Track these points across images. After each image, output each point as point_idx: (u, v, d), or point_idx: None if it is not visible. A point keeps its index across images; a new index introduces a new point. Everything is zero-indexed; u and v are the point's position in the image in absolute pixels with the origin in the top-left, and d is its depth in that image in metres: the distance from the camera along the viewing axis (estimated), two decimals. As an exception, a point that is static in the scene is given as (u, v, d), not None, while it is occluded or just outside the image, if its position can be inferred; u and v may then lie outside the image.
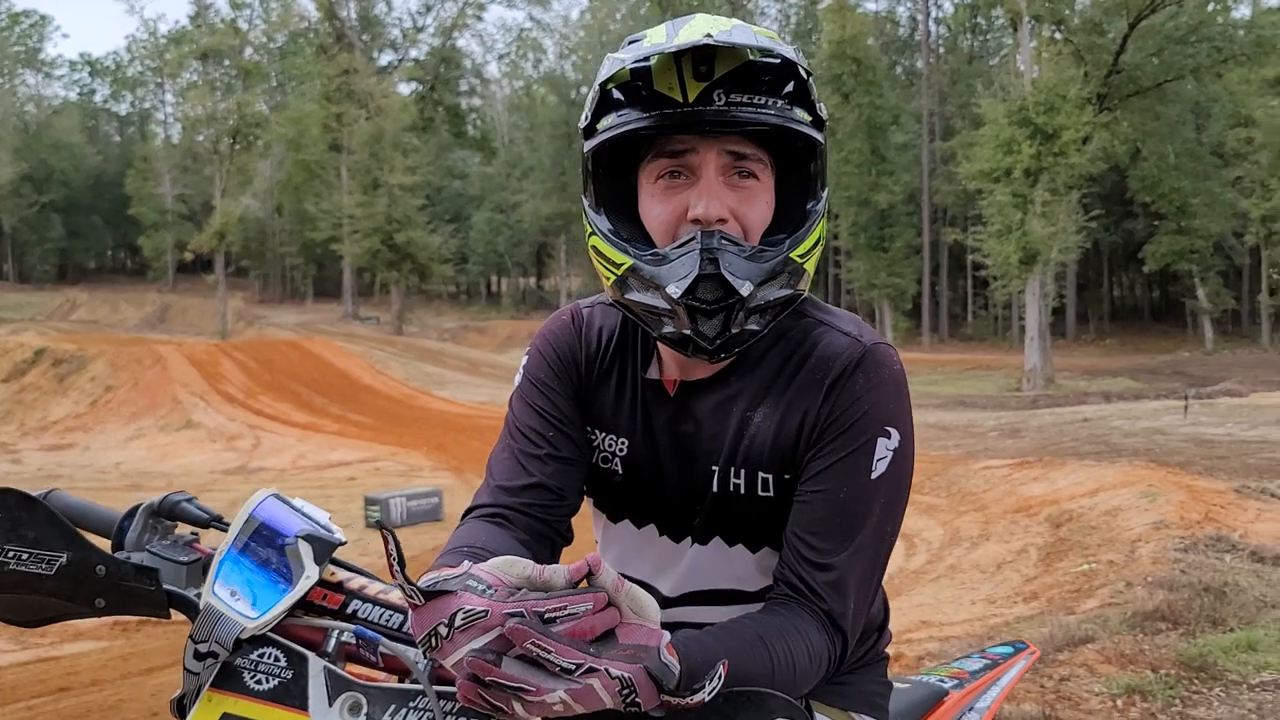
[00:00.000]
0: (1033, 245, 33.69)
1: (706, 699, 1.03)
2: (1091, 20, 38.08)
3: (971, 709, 1.87)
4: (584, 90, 67.67)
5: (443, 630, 0.96)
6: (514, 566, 1.01)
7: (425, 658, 1.03)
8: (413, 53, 63.56)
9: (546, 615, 0.95)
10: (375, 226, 51.15)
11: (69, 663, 6.66)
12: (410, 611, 1.01)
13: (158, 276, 72.17)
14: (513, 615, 0.94)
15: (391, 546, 0.98)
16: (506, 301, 75.28)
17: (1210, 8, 39.33)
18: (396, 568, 0.98)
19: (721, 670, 1.05)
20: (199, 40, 55.88)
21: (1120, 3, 36.33)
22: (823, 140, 1.36)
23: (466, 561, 1.03)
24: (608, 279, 1.38)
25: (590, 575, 0.99)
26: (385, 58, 63.19)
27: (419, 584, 0.98)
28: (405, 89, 61.43)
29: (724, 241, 1.29)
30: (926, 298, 55.44)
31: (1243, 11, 45.80)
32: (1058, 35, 38.23)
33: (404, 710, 1.10)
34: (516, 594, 0.97)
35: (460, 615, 0.95)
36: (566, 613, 0.95)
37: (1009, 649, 2.14)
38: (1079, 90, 34.48)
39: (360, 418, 23.10)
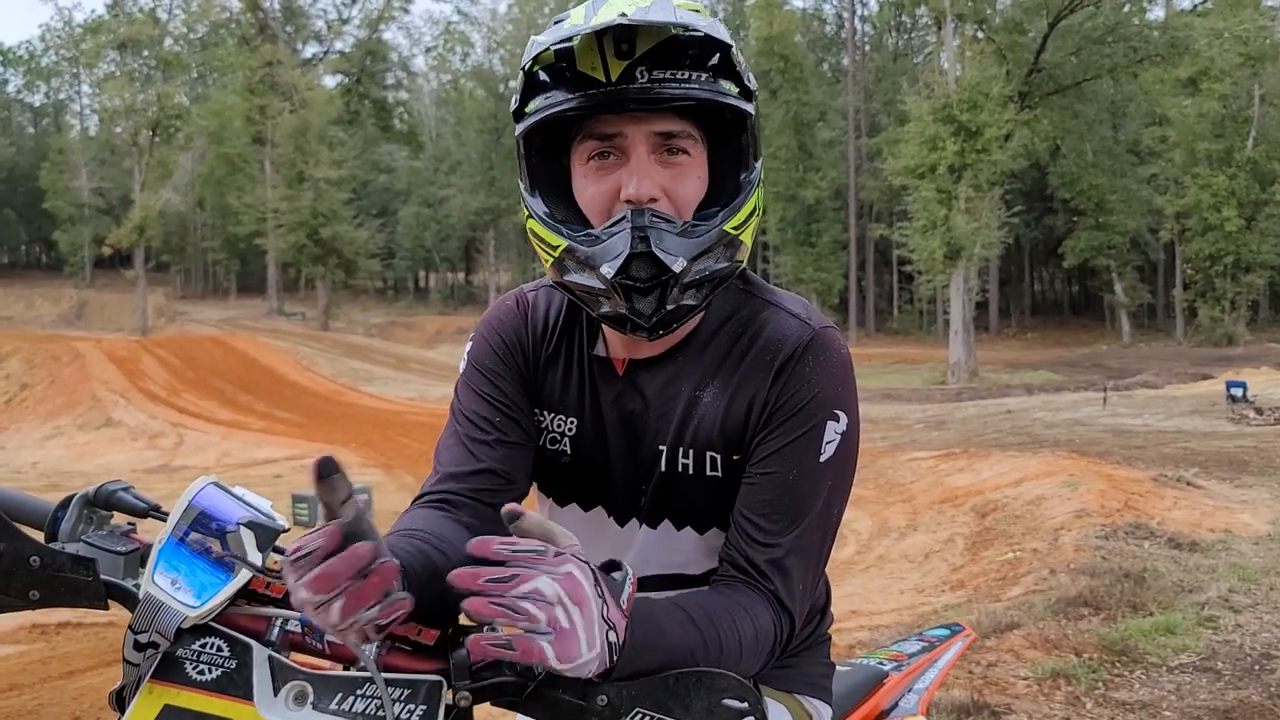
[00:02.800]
0: (957, 240, 34.25)
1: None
2: (1013, 20, 38.84)
3: (911, 690, 1.90)
4: (512, 84, 66.63)
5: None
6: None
7: (375, 644, 1.01)
8: (338, 45, 63.03)
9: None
10: (300, 221, 50.48)
11: (-16, 667, 6.46)
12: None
13: (75, 272, 70.23)
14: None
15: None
16: (435, 297, 74.60)
17: (1126, 9, 40.31)
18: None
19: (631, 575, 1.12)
20: (117, 30, 54.40)
21: (1040, 3, 37.09)
22: (753, 110, 1.35)
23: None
24: (546, 261, 1.36)
25: (517, 519, 1.01)
26: (310, 50, 62.58)
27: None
28: (330, 81, 60.90)
29: (655, 219, 1.28)
30: (853, 292, 56.05)
31: (1157, 13, 47.00)
32: (980, 34, 38.94)
33: (351, 698, 1.08)
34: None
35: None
36: (303, 552, 0.96)
37: (945, 631, 2.18)
38: (1001, 88, 35.12)
39: (286, 415, 22.75)
